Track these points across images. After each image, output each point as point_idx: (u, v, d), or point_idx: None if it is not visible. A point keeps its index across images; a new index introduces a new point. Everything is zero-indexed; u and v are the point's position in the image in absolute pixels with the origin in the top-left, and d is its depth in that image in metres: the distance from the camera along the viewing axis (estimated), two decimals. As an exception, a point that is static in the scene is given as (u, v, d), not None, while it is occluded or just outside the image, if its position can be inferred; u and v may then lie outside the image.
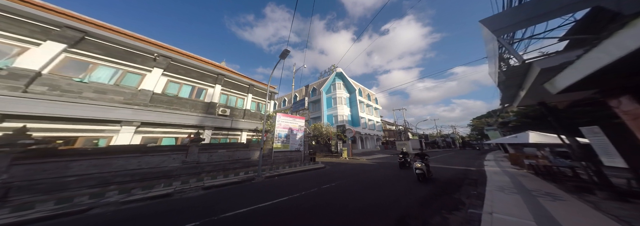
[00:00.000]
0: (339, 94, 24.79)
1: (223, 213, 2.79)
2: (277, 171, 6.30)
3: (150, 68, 6.42)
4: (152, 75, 6.37)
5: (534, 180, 5.05)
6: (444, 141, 40.95)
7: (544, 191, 3.84)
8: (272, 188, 4.35)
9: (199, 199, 3.49)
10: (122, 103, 5.23)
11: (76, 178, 3.48)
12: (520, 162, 7.76)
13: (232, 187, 4.37)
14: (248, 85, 11.73)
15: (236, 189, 4.21)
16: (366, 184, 4.82)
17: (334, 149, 16.33)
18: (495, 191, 3.90)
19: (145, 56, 6.44)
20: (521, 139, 6.71)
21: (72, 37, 4.80)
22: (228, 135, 8.82)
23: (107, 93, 5.08)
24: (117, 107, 4.89)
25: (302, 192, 3.92)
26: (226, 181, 4.55)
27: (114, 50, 5.69)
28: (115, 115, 4.83)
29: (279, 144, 8.31)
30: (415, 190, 4.22)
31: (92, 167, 3.63)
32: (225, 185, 4.40)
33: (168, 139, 6.19)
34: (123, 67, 5.84)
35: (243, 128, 9.48)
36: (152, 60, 6.54)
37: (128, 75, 5.88)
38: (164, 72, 6.93)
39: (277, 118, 8.87)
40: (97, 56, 5.30)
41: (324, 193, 3.90)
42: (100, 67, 5.35)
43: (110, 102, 5.02)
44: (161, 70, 6.68)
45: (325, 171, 7.06)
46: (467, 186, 4.68)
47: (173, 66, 7.37)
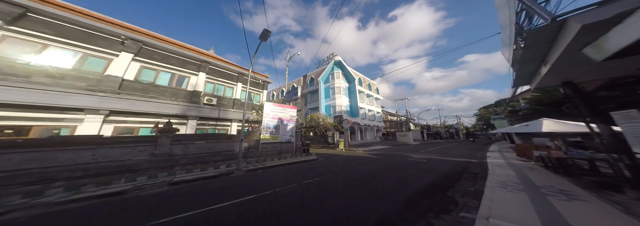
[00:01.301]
0: (338, 84, 23.60)
1: (162, 217, 2.37)
2: (263, 164, 6.05)
3: (118, 52, 5.76)
4: (120, 59, 5.75)
5: (543, 174, 4.48)
6: (447, 132, 40.16)
7: (557, 188, 3.29)
8: (247, 183, 4.04)
9: (154, 197, 3.16)
10: (85, 89, 4.76)
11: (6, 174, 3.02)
12: (528, 153, 7.11)
13: (204, 182, 4.08)
14: (237, 73, 10.97)
15: (206, 185, 3.91)
16: (351, 179, 4.45)
17: (330, 140, 16.14)
18: (497, 188, 3.39)
19: (111, 39, 5.71)
20: (533, 128, 5.89)
21: (9, 13, 4.11)
22: (216, 125, 8.53)
23: (65, 79, 4.58)
24: (74, 93, 4.43)
25: (277, 189, 3.58)
26: (200, 175, 4.26)
27: (69, 31, 4.98)
28: (72, 101, 4.39)
29: (268, 135, 7.97)
30: (403, 186, 3.80)
31: (28, 161, 3.17)
32: (197, 180, 4.12)
33: (146, 129, 5.90)
34: (83, 50, 5.19)
35: (233, 119, 9.13)
36: (119, 44, 5.83)
37: (90, 59, 5.28)
38: (136, 57, 6.27)
39: (265, 108, 8.35)
40: (47, 36, 4.63)
41: (300, 190, 3.54)
42: (52, 48, 4.72)
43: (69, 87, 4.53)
44: (131, 54, 6.01)
45: (315, 164, 6.79)
46: (464, 181, 4.21)
47: (147, 51, 6.66)
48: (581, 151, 4.28)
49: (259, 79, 12.40)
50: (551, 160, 4.82)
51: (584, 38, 1.89)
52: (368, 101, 27.59)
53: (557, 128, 5.33)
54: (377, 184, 3.90)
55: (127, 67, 5.87)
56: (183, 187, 3.76)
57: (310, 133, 18.94)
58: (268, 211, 2.56)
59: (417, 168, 5.80)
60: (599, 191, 3.06)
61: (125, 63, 5.75)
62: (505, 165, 5.96)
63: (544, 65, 3.20)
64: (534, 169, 5.14)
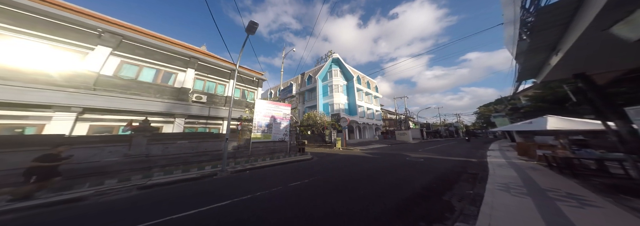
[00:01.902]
0: (336, 82, 23.18)
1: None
2: (253, 165, 5.75)
3: (93, 46, 5.38)
4: (96, 54, 5.37)
5: (548, 175, 4.17)
6: (447, 130, 39.88)
7: (565, 192, 2.98)
8: (227, 186, 3.74)
9: (113, 204, 2.83)
10: (53, 85, 4.39)
11: None
12: (531, 153, 6.80)
13: (181, 185, 3.77)
14: (230, 70, 10.58)
15: (183, 188, 3.60)
16: (342, 181, 4.16)
17: (327, 139, 15.87)
18: (498, 191, 3.08)
19: (85, 32, 5.32)
20: (537, 125, 5.53)
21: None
22: (207, 124, 8.22)
23: (26, 73, 4.18)
24: (36, 88, 4.05)
25: (258, 193, 3.27)
26: (179, 177, 3.97)
27: (33, 21, 4.56)
28: (35, 98, 4.03)
29: (259, 134, 7.66)
30: (397, 189, 3.50)
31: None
32: (175, 182, 3.82)
33: (129, 128, 5.58)
34: (48, 42, 4.77)
35: (225, 117, 8.80)
36: (96, 37, 5.44)
37: (60, 52, 4.89)
38: (115, 51, 5.89)
39: (257, 106, 8.01)
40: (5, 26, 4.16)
41: (284, 194, 3.24)
42: (14, 40, 4.28)
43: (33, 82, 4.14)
44: (109, 49, 5.63)
45: (308, 164, 6.50)
46: (463, 183, 3.90)
47: (128, 45, 6.27)
48: (590, 150, 3.95)
49: (253, 76, 12.01)
50: (556, 159, 4.50)
51: (611, 14, 1.53)
52: (367, 99, 27.21)
53: (563, 125, 4.96)
54: (369, 187, 3.60)
55: (105, 62, 5.50)
56: (154, 191, 3.44)
57: (308, 132, 18.69)
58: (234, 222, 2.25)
59: (414, 168, 5.51)
60: (613, 196, 2.74)
61: (102, 57, 5.39)
62: (506, 164, 5.65)
63: (555, 54, 2.83)
64: (537, 169, 4.83)
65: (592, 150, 3.95)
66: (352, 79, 24.38)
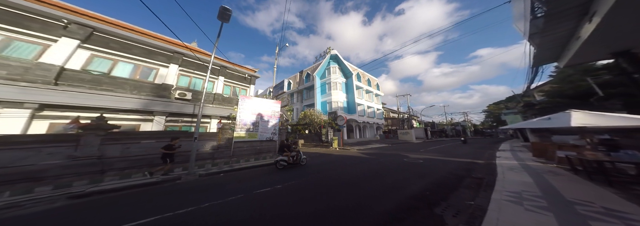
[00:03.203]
0: (334, 79, 22.49)
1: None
2: (232, 166, 5.27)
3: (56, 38, 5.05)
4: (61, 46, 5.04)
5: (573, 181, 3.37)
6: (454, 129, 38.11)
7: (600, 206, 2.24)
8: (184, 193, 3.22)
9: (16, 221, 2.29)
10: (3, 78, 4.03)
11: None
12: (550, 154, 5.87)
13: (131, 192, 3.25)
14: (219, 67, 10.21)
15: (128, 196, 3.08)
16: (322, 186, 3.60)
17: (324, 138, 15.26)
18: (507, 204, 2.38)
19: (47, 22, 4.99)
20: (558, 121, 4.45)
21: None
22: (193, 122, 7.85)
23: None
24: None
25: (207, 203, 2.70)
26: (134, 182, 3.48)
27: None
28: None
29: (243, 133, 7.16)
30: (383, 197, 2.89)
31: None
32: (124, 188, 3.29)
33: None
34: (4, 33, 4.39)
35: (212, 115, 8.42)
36: (60, 28, 5.11)
37: (15, 43, 4.55)
38: (84, 44, 5.56)
39: (240, 102, 7.52)
40: None
41: (241, 204, 2.68)
42: None
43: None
44: (76, 41, 5.29)
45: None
46: (464, 190, 3.20)
47: (100, 38, 5.94)
48: (633, 152, 3.11)
49: (245, 73, 11.59)
50: (583, 162, 3.67)
51: None
52: (367, 97, 26.31)
53: (593, 121, 3.94)
54: (349, 195, 3.00)
55: (71, 55, 5.17)
56: (88, 202, 2.87)
57: (305, 131, 18.18)
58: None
59: (409, 171, 4.83)
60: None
61: (67, 50, 5.05)
62: (518, 167, 4.82)
63: (588, 21, 2.07)
64: (558, 174, 4.00)
65: (635, 151, 3.10)
66: (351, 76, 23.58)
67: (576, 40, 2.41)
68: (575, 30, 2.38)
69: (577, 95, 10.29)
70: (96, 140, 3.87)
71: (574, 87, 10.74)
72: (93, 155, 3.79)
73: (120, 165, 4.14)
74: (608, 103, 8.19)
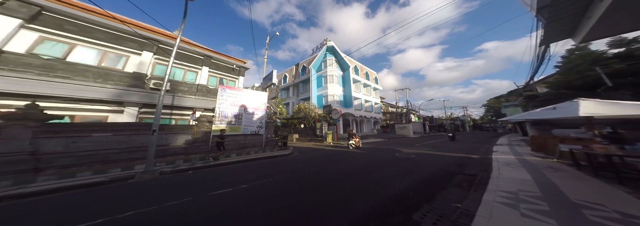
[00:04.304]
0: (330, 72, 21.61)
1: None
2: (206, 163, 4.82)
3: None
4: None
5: (576, 179, 2.99)
6: (452, 124, 37.94)
7: (613, 210, 1.86)
8: (123, 197, 2.74)
9: None
10: None
11: None
12: (550, 147, 5.50)
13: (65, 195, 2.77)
14: (203, 56, 9.46)
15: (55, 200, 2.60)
16: (296, 184, 3.23)
17: (319, 133, 14.95)
18: (501, 208, 2.00)
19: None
20: (564, 111, 3.92)
21: None
22: (171, 114, 7.37)
23: None
24: None
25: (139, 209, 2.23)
26: (73, 183, 2.96)
27: None
28: None
29: (224, 126, 6.72)
30: (359, 198, 2.54)
31: None
32: (57, 190, 2.79)
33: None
34: None
35: (194, 107, 7.90)
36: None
37: None
38: (29, 24, 4.83)
39: (220, 93, 6.97)
40: None
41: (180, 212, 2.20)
42: None
43: None
44: (17, 20, 4.57)
45: (279, 161, 5.60)
46: (453, 189, 2.83)
47: (51, 19, 5.19)
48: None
49: (233, 64, 10.84)
50: (589, 157, 3.27)
51: None
52: (365, 91, 25.60)
53: (604, 110, 3.43)
54: (324, 194, 2.64)
55: (11, 36, 4.48)
56: None
57: (300, 125, 17.85)
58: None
59: (398, 167, 4.48)
60: None
61: (5, 30, 4.35)
62: (516, 162, 4.46)
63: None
64: (559, 170, 3.63)
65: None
66: (348, 69, 22.65)
67: (596, 8, 1.81)
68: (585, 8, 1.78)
69: (583, 86, 9.70)
70: (25, 132, 3.25)
71: (581, 77, 10.08)
72: (22, 150, 3.18)
73: (63, 162, 3.60)
74: (617, 93, 7.66)
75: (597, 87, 9.06)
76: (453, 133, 13.61)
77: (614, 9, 1.82)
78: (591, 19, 1.95)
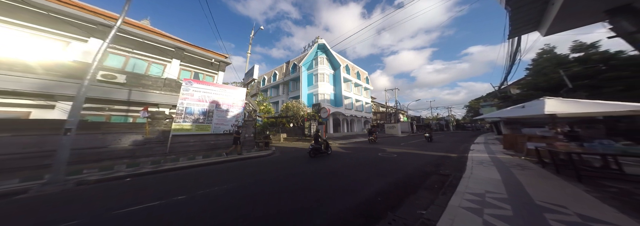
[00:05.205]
0: (321, 70, 21.26)
1: None
2: (156, 167, 4.09)
3: None
4: None
5: (541, 177, 3.01)
6: (438, 124, 40.03)
7: (574, 212, 1.77)
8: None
9: None
10: None
11: None
12: (519, 146, 5.76)
13: None
14: (174, 48, 8.49)
15: None
16: (252, 195, 2.83)
17: (307, 132, 14.57)
18: (464, 214, 1.82)
19: None
20: (532, 109, 4.14)
21: None
22: (129, 111, 6.43)
23: None
24: None
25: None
26: None
27: None
28: None
29: (188, 124, 5.96)
30: (318, 210, 2.24)
31: None
32: None
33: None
34: None
35: (160, 103, 6.99)
36: None
37: None
38: None
39: (184, 87, 6.22)
40: None
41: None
42: None
43: None
44: None
45: (249, 164, 5.12)
46: (423, 192, 2.66)
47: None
48: (608, 141, 2.73)
49: (211, 58, 9.93)
50: (552, 155, 3.33)
51: None
52: (356, 91, 25.71)
53: (566, 108, 3.62)
54: (281, 205, 2.28)
55: None
56: None
57: (289, 124, 17.31)
58: None
59: (376, 167, 4.29)
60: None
61: None
62: (488, 161, 4.52)
63: None
64: (526, 167, 3.69)
65: (611, 141, 2.73)
66: (339, 68, 22.47)
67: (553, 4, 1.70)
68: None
69: (549, 88, 10.58)
70: None
71: (547, 79, 11.01)
72: None
73: None
74: (575, 94, 8.41)
75: (561, 88, 9.94)
76: (430, 134, 11.97)
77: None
78: (555, 5, 1.84)
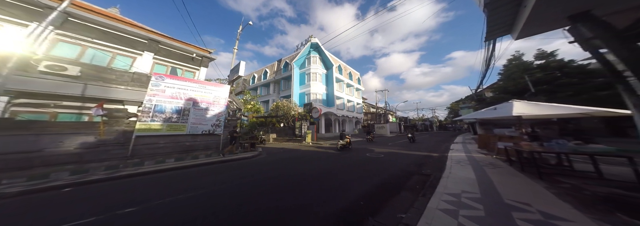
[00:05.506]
0: (314, 69, 21.06)
1: None
2: (111, 173, 3.51)
3: None
4: None
5: (509, 175, 3.24)
6: (423, 124, 42.65)
7: (537, 210, 1.89)
8: None
9: None
10: None
11: None
12: (490, 145, 6.26)
13: None
14: (146, 39, 7.59)
15: None
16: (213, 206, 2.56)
17: (298, 132, 14.28)
18: (441, 217, 1.84)
19: None
20: (502, 111, 4.73)
21: None
22: (83, 108, 5.50)
23: None
24: None
25: None
26: None
27: None
28: None
29: (158, 124, 5.31)
30: (295, 218, 2.08)
31: None
32: None
33: None
34: None
35: (126, 100, 6.12)
36: None
37: None
38: None
39: (153, 82, 5.56)
40: None
41: None
42: None
43: None
44: None
45: (227, 167, 4.75)
46: (406, 193, 2.68)
47: None
48: (563, 141, 3.05)
49: (191, 52, 9.10)
50: (518, 153, 3.64)
51: None
52: (348, 91, 26.01)
53: (529, 110, 4.13)
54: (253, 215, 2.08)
55: None
56: None
57: (280, 124, 16.78)
58: None
59: (363, 168, 4.29)
60: (608, 216, 1.67)
61: None
62: (465, 160, 4.81)
63: None
64: (497, 166, 3.99)
65: (565, 140, 3.05)
66: (332, 68, 22.49)
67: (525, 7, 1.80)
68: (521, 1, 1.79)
69: (517, 91, 11.90)
70: None
71: (515, 83, 12.37)
72: None
73: None
74: (536, 98, 9.56)
75: (526, 92, 11.24)
76: (412, 134, 11.18)
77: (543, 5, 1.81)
78: (526, 7, 1.95)
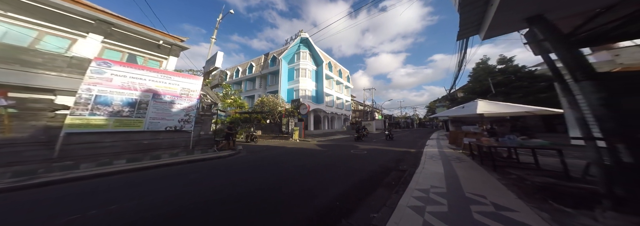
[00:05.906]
0: (304, 65, 20.42)
1: None
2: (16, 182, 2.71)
3: None
4: None
5: (472, 169, 3.61)
6: (405, 122, 46.12)
7: (490, 202, 2.10)
8: None
9: None
10: None
11: None
12: (459, 141, 6.98)
13: None
14: (93, 19, 6.21)
15: None
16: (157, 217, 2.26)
17: (284, 129, 13.90)
18: (409, 214, 1.92)
19: None
20: (469, 110, 5.41)
21: None
22: None
23: None
24: None
25: None
26: None
27: None
28: None
29: (102, 118, 4.42)
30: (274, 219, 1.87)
31: None
32: None
33: None
34: None
35: (59, 89, 4.84)
36: None
37: None
38: None
39: (92, 68, 4.52)
40: None
41: None
42: None
43: None
44: None
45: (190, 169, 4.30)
46: (381, 190, 2.75)
47: None
48: (513, 137, 3.50)
49: (157, 39, 7.77)
50: (479, 148, 4.09)
51: None
52: (337, 88, 26.13)
53: (490, 109, 4.76)
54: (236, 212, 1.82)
55: None
56: None
57: (266, 120, 16.06)
58: None
59: (345, 166, 4.33)
60: (544, 205, 1.94)
61: None
62: (437, 155, 5.26)
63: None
64: (462, 160, 4.43)
65: (514, 136, 3.51)
66: (322, 64, 22.12)
67: (491, 7, 1.92)
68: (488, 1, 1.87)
69: (482, 92, 13.56)
70: None
71: (481, 85, 14.07)
72: None
73: None
74: (496, 99, 11.03)
75: (488, 93, 12.88)
76: (389, 131, 10.80)
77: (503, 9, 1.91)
78: (493, 6, 2.06)
